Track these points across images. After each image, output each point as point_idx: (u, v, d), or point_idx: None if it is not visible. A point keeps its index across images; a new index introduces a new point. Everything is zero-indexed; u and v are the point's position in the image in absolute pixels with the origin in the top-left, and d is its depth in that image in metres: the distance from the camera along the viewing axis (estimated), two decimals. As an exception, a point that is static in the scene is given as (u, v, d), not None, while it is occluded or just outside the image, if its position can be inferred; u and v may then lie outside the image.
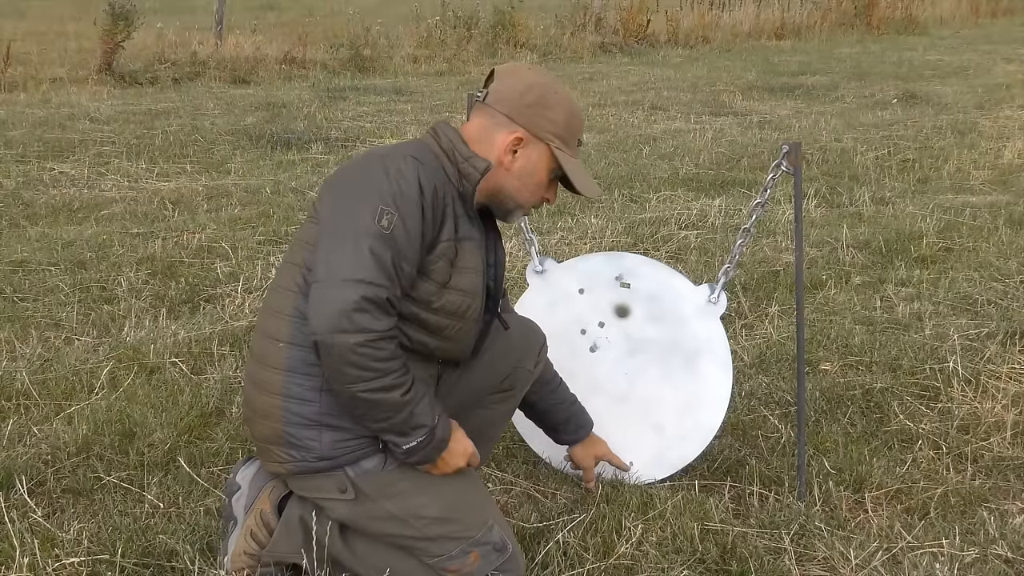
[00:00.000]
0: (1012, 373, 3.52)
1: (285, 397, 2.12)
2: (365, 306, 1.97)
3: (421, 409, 2.08)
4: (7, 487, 2.65)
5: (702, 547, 2.47)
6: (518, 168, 2.21)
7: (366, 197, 2.05)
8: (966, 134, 8.19)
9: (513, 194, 2.23)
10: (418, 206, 2.06)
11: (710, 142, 7.64)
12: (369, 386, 2.01)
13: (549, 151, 2.21)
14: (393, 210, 2.03)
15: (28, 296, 4.14)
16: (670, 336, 2.90)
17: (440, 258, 2.12)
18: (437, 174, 2.14)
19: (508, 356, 2.49)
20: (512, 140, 2.19)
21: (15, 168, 6.35)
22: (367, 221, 2.02)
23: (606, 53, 14.08)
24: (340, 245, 2.02)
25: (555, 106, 2.20)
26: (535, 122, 2.19)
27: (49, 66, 10.29)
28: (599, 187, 2.35)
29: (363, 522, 2.17)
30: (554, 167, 2.23)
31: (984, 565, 2.47)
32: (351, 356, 1.98)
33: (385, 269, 2.00)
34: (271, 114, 8.58)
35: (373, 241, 2.00)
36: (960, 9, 21.86)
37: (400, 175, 2.07)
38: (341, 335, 1.96)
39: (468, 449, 2.19)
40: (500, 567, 2.15)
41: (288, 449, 2.15)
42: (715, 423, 2.85)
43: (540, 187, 2.25)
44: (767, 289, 4.39)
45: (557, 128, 2.21)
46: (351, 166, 2.17)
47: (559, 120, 2.21)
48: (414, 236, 2.05)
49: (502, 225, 2.48)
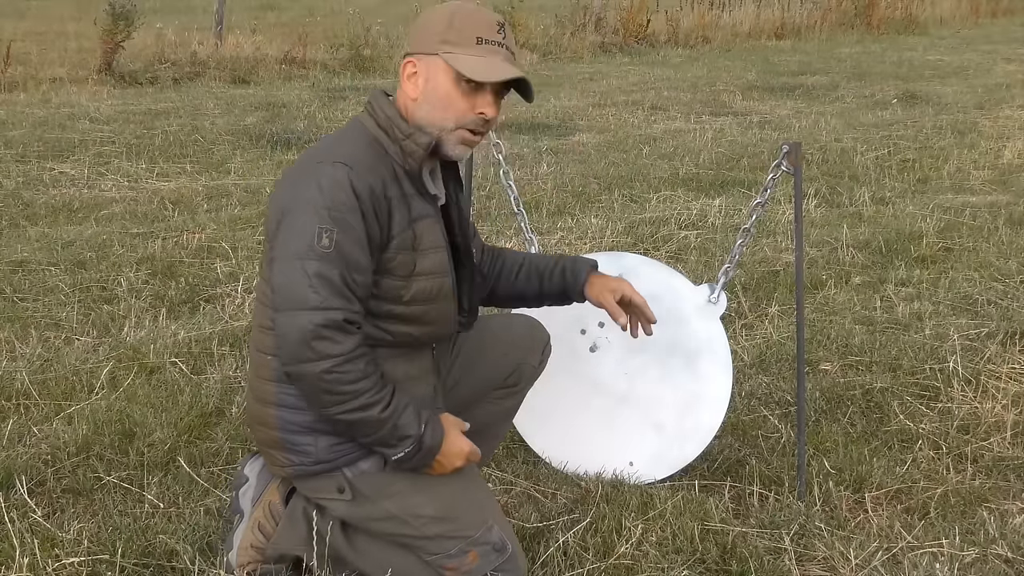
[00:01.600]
0: (1012, 373, 3.52)
1: (279, 407, 2.14)
2: (323, 333, 1.97)
3: (405, 421, 2.07)
4: (7, 487, 2.65)
5: (702, 547, 2.47)
6: (422, 92, 2.10)
7: (303, 218, 2.00)
8: (966, 134, 8.18)
9: (433, 121, 2.10)
10: (357, 213, 2.01)
11: (710, 142, 7.63)
12: (344, 408, 2.02)
13: (441, 61, 2.08)
14: (331, 226, 1.99)
15: (28, 296, 4.14)
16: (670, 336, 2.90)
17: (398, 251, 2.09)
18: (374, 169, 2.07)
19: (513, 352, 2.48)
20: (409, 70, 2.11)
21: (15, 168, 6.35)
22: (307, 244, 1.98)
23: (606, 53, 14.07)
24: (287, 273, 2.00)
25: (437, 18, 2.11)
26: (420, 42, 2.11)
27: (49, 66, 10.28)
28: (507, 68, 2.09)
29: (362, 521, 2.17)
30: (454, 74, 2.08)
31: (984, 565, 2.47)
32: (320, 383, 1.99)
33: (336, 290, 1.99)
34: (271, 114, 8.58)
35: (317, 264, 1.98)
36: (960, 9, 21.85)
37: (333, 186, 2.00)
38: (306, 364, 1.98)
39: (464, 449, 2.17)
40: (500, 567, 2.15)
41: (287, 453, 2.16)
42: (715, 423, 2.85)
43: (452, 101, 2.08)
44: (767, 289, 4.39)
45: (441, 34, 2.08)
46: (287, 180, 2.10)
47: (440, 27, 2.09)
48: (360, 245, 2.02)
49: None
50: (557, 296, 2.50)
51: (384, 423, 2.05)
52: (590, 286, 2.45)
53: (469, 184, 3.20)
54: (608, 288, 2.44)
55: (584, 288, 2.45)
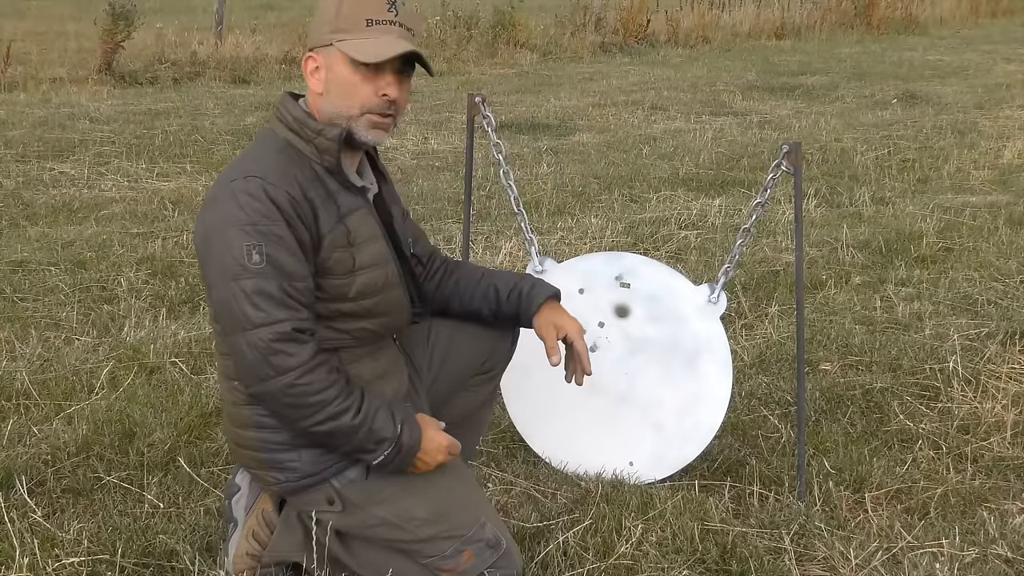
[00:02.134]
0: (1012, 373, 3.52)
1: (257, 428, 2.13)
2: (275, 347, 1.96)
3: (379, 424, 2.06)
4: (7, 487, 2.65)
5: (702, 547, 2.47)
6: (325, 85, 2.09)
7: (227, 238, 1.98)
8: (966, 134, 8.18)
9: (340, 111, 2.08)
10: (280, 222, 1.99)
11: (710, 142, 7.63)
12: (315, 419, 2.02)
13: (336, 50, 2.06)
14: (257, 240, 1.97)
15: (28, 296, 4.14)
16: (670, 336, 2.90)
17: (332, 249, 2.08)
18: (286, 174, 2.04)
19: (484, 338, 2.46)
20: (306, 66, 2.11)
21: (15, 168, 6.35)
22: (238, 263, 1.97)
23: (606, 53, 14.07)
24: (224, 295, 1.99)
25: (327, 7, 2.09)
26: (316, 35, 2.10)
27: (49, 66, 10.28)
28: (396, 44, 2.05)
29: (356, 529, 2.17)
30: (349, 60, 2.06)
31: (984, 565, 2.47)
32: (284, 399, 2.00)
33: (278, 302, 1.98)
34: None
35: (253, 281, 1.97)
36: (960, 9, 21.84)
37: (249, 200, 1.98)
38: (266, 383, 1.99)
39: (443, 443, 2.16)
40: (495, 564, 2.15)
41: (272, 472, 2.16)
42: (715, 423, 2.85)
43: (354, 88, 2.07)
44: (767, 289, 4.39)
45: (331, 23, 2.07)
46: (206, 205, 2.07)
47: (329, 15, 2.07)
48: (291, 253, 2.00)
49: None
50: (511, 318, 2.43)
51: (358, 429, 2.04)
52: (539, 316, 2.37)
53: (469, 184, 3.20)
54: (553, 323, 2.35)
55: (534, 317, 2.38)
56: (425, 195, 5.90)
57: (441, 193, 5.95)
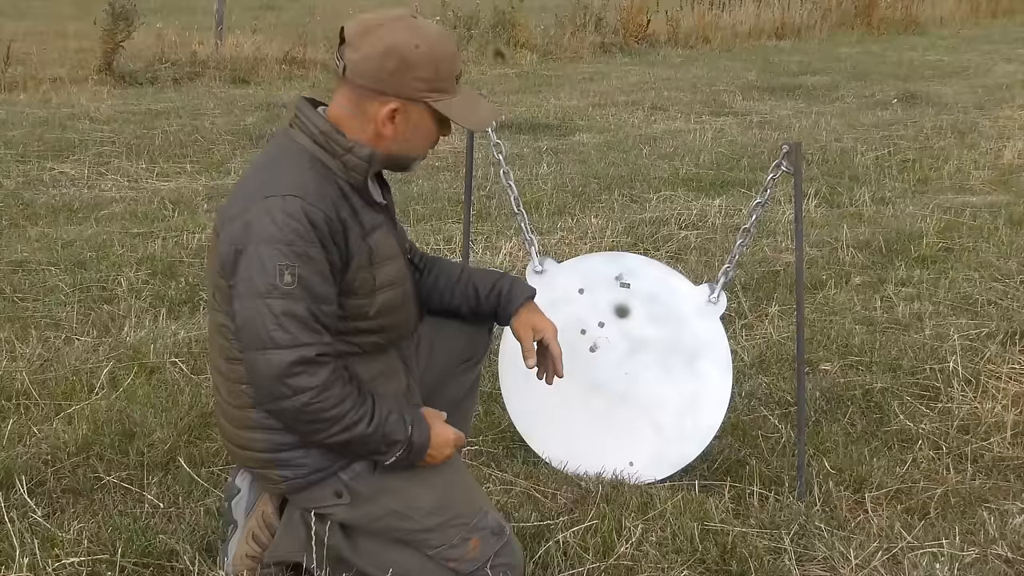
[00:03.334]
0: (1012, 373, 3.52)
1: (264, 430, 2.12)
2: (295, 370, 1.96)
3: (391, 427, 2.07)
4: (7, 487, 2.65)
5: (702, 547, 2.47)
6: (401, 133, 2.09)
7: (262, 255, 1.96)
8: (966, 134, 8.18)
9: (406, 154, 2.14)
10: (316, 245, 1.98)
11: (710, 142, 7.63)
12: (330, 432, 2.02)
13: (428, 108, 2.08)
14: (292, 261, 1.95)
15: (28, 296, 4.14)
16: (670, 336, 2.90)
17: (358, 270, 2.07)
18: (323, 193, 2.02)
19: (465, 328, 2.48)
20: (387, 113, 2.06)
21: (15, 168, 6.34)
22: (270, 282, 1.95)
23: (606, 53, 14.06)
24: (251, 312, 1.97)
25: (420, 64, 2.04)
26: (405, 87, 2.05)
27: (49, 66, 10.27)
28: (491, 109, 2.19)
29: (363, 522, 2.17)
30: (438, 116, 2.11)
31: (984, 565, 2.47)
32: (301, 416, 2.00)
33: (305, 326, 1.97)
34: (271, 114, 8.57)
35: (282, 303, 1.95)
36: (960, 9, 21.83)
37: (287, 219, 1.96)
38: (281, 401, 1.98)
39: (450, 438, 2.18)
40: (499, 552, 2.16)
41: (279, 471, 2.14)
42: (715, 423, 2.85)
43: (429, 137, 2.14)
44: (767, 289, 4.39)
45: (428, 84, 2.06)
46: (235, 215, 2.03)
47: (428, 76, 2.06)
48: (323, 276, 2.00)
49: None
50: (488, 316, 2.46)
51: (372, 436, 2.05)
52: (517, 317, 2.40)
53: (469, 184, 3.20)
54: (531, 325, 2.38)
55: (512, 318, 2.41)
56: (425, 195, 5.90)
57: (441, 193, 5.95)
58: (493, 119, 2.21)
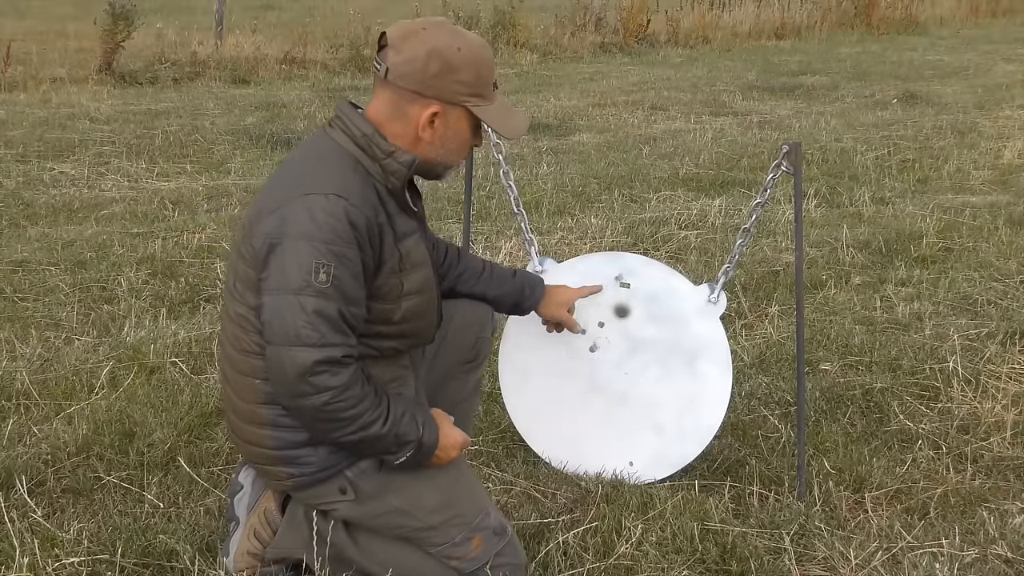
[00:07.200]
0: (1012, 373, 3.52)
1: (274, 427, 2.12)
2: (320, 368, 1.96)
3: (404, 428, 2.08)
4: (7, 487, 2.65)
5: (702, 547, 2.47)
6: (440, 138, 2.12)
7: (298, 251, 1.96)
8: (966, 134, 8.18)
9: (442, 160, 2.16)
10: (354, 246, 1.99)
11: (710, 142, 7.63)
12: (346, 431, 2.03)
13: (467, 112, 2.12)
14: (328, 261, 1.96)
15: (28, 296, 4.14)
16: (670, 336, 2.90)
17: (388, 276, 2.09)
18: (365, 196, 2.04)
19: (468, 330, 2.51)
20: (428, 116, 2.08)
21: (15, 168, 6.34)
22: (304, 279, 1.95)
23: (606, 53, 14.07)
24: (282, 307, 1.97)
25: (462, 67, 2.07)
26: (446, 90, 2.08)
27: (49, 66, 10.28)
28: (525, 118, 2.24)
29: (367, 519, 2.18)
30: (475, 122, 2.15)
31: (984, 565, 2.47)
32: (319, 415, 2.00)
33: (335, 326, 1.97)
34: (271, 114, 8.58)
35: (315, 301, 1.95)
36: (960, 9, 21.83)
37: (328, 218, 1.97)
38: (300, 399, 1.98)
39: (458, 439, 2.20)
40: (501, 551, 2.17)
41: (286, 468, 2.15)
42: (715, 423, 2.85)
43: (465, 144, 2.18)
44: (767, 289, 4.39)
45: (470, 88, 2.10)
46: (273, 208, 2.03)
47: (470, 80, 2.09)
48: (356, 279, 2.01)
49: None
50: (509, 307, 2.62)
51: (386, 436, 2.06)
52: (544, 304, 2.64)
53: (469, 184, 3.20)
54: (560, 302, 2.65)
55: (539, 305, 2.63)
56: (425, 195, 5.88)
57: (441, 193, 5.95)
58: (526, 129, 2.23)
